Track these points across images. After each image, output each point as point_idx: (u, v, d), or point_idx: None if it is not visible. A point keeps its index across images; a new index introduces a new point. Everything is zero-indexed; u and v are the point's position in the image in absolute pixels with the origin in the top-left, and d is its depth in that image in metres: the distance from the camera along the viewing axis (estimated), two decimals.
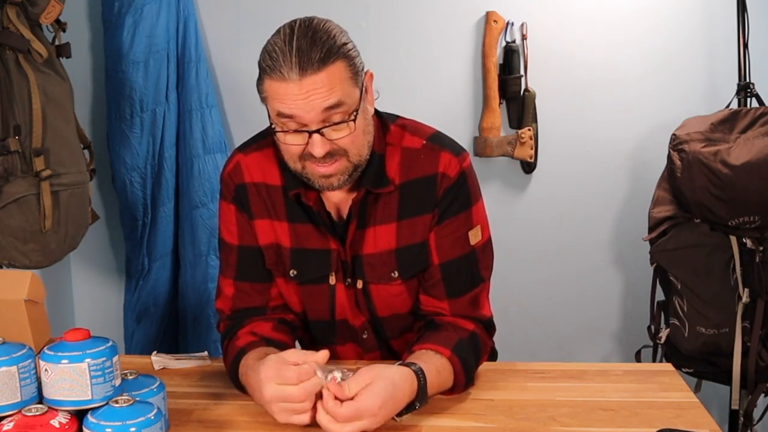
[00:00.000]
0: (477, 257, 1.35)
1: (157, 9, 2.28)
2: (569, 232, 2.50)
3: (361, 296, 1.37)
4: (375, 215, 1.33)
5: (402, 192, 1.32)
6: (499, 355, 1.62)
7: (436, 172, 1.31)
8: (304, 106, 1.17)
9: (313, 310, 1.40)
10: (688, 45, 2.36)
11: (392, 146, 1.33)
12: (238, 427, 1.17)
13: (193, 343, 2.41)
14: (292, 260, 1.35)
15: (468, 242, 1.33)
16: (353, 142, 1.23)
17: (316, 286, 1.37)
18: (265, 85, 1.21)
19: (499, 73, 2.38)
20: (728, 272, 1.99)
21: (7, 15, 1.83)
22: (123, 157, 2.35)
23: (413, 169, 1.31)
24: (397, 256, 1.33)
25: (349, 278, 1.36)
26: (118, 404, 1.01)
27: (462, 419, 1.18)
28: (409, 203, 1.32)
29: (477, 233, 1.35)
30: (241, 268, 1.38)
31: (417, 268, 1.35)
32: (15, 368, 1.05)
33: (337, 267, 1.35)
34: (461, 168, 1.32)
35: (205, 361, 1.45)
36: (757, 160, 1.89)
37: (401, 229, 1.32)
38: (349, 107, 1.20)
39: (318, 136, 1.19)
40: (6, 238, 1.87)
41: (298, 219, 1.34)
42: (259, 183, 1.35)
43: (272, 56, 1.18)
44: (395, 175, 1.31)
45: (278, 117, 1.20)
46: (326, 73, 1.16)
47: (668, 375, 1.33)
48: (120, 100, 2.32)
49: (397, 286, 1.36)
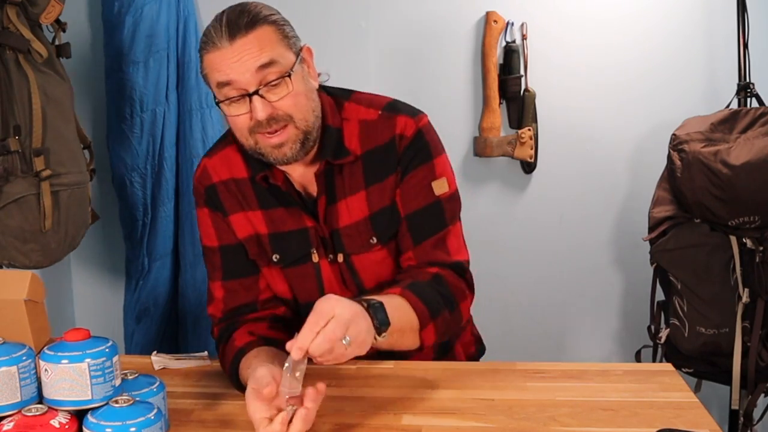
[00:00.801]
0: (442, 206, 1.36)
1: (157, 9, 2.28)
2: (569, 232, 2.50)
3: (345, 271, 1.38)
4: (343, 188, 1.35)
5: (365, 161, 1.34)
6: (499, 355, 1.62)
7: (393, 136, 1.34)
8: (238, 67, 1.21)
9: (302, 292, 1.40)
10: (688, 45, 2.36)
11: (348, 121, 1.36)
12: (238, 427, 1.17)
13: (193, 343, 2.42)
14: (272, 245, 1.37)
15: (432, 192, 1.35)
16: (296, 106, 1.25)
17: (300, 266, 1.38)
18: (204, 63, 1.26)
19: (499, 73, 2.38)
20: (728, 272, 1.99)
21: (7, 15, 1.83)
22: (123, 157, 2.35)
23: (372, 138, 1.34)
24: (372, 222, 1.35)
25: (331, 254, 1.37)
26: (118, 404, 1.01)
27: (462, 419, 1.18)
28: (374, 170, 1.34)
29: (442, 184, 1.36)
30: (227, 267, 1.40)
31: (393, 229, 1.36)
32: (15, 368, 1.05)
33: (317, 243, 1.36)
34: (417, 127, 1.35)
35: (205, 361, 1.45)
36: (757, 160, 1.89)
37: (371, 196, 1.35)
38: (284, 67, 1.24)
39: (257, 98, 1.22)
40: (6, 238, 1.87)
41: (270, 205, 1.37)
42: (226, 180, 1.38)
43: (206, 34, 1.24)
44: (355, 147, 1.34)
45: (219, 88, 1.24)
46: (254, 35, 1.22)
47: (668, 375, 1.33)
48: (120, 100, 2.32)
49: (378, 252, 1.37)
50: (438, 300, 1.28)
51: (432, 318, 1.26)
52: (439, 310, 1.27)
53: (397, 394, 1.26)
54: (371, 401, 1.24)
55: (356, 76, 1.43)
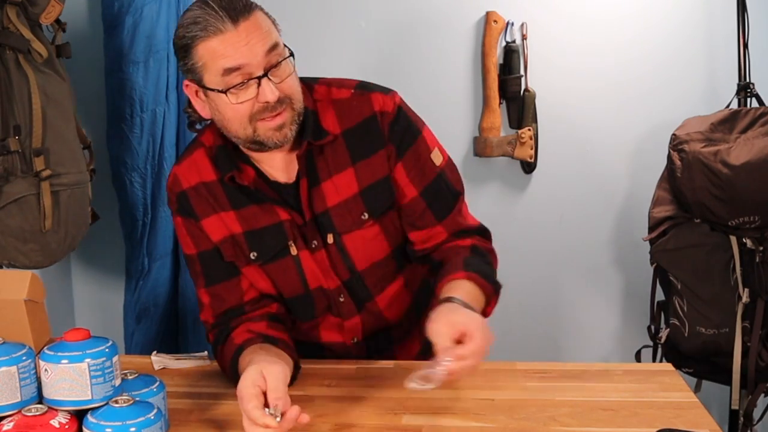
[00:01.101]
0: (447, 176, 1.40)
1: (157, 9, 2.28)
2: (569, 232, 2.50)
3: (335, 253, 1.37)
4: (327, 168, 1.34)
5: (347, 139, 1.34)
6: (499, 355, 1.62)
7: (373, 112, 1.34)
8: (248, 52, 1.20)
9: (285, 286, 1.40)
10: (688, 45, 2.36)
11: (321, 102, 1.35)
12: (238, 427, 1.17)
13: (193, 343, 2.41)
14: (249, 243, 1.36)
15: (434, 164, 1.38)
16: (294, 87, 1.26)
17: (279, 261, 1.37)
18: (199, 52, 1.22)
19: (499, 73, 2.38)
20: (728, 272, 1.99)
21: (7, 15, 1.83)
22: (123, 157, 2.35)
23: (349, 116, 1.34)
24: (363, 198, 1.35)
25: (315, 240, 1.36)
26: (118, 404, 1.01)
27: (462, 419, 1.18)
28: (358, 146, 1.34)
29: (437, 155, 1.39)
30: (207, 274, 1.40)
31: (385, 204, 1.37)
32: (15, 368, 1.05)
33: (295, 234, 1.35)
34: (395, 103, 1.35)
35: (205, 361, 1.45)
36: (757, 160, 1.89)
37: (359, 172, 1.35)
38: (282, 50, 1.25)
39: (267, 80, 1.21)
40: (6, 238, 1.87)
41: (242, 204, 1.36)
42: (196, 185, 1.37)
43: (197, 21, 1.21)
44: (333, 127, 1.34)
45: (224, 76, 1.21)
46: (254, 18, 1.21)
47: (668, 375, 1.33)
48: (120, 100, 2.32)
49: (370, 228, 1.37)
50: (489, 269, 1.34)
51: (495, 293, 1.32)
52: (493, 277, 1.34)
53: (397, 394, 1.26)
54: (371, 401, 1.24)
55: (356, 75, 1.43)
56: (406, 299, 1.47)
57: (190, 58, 1.24)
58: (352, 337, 1.44)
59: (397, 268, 1.43)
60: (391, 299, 1.43)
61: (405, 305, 1.47)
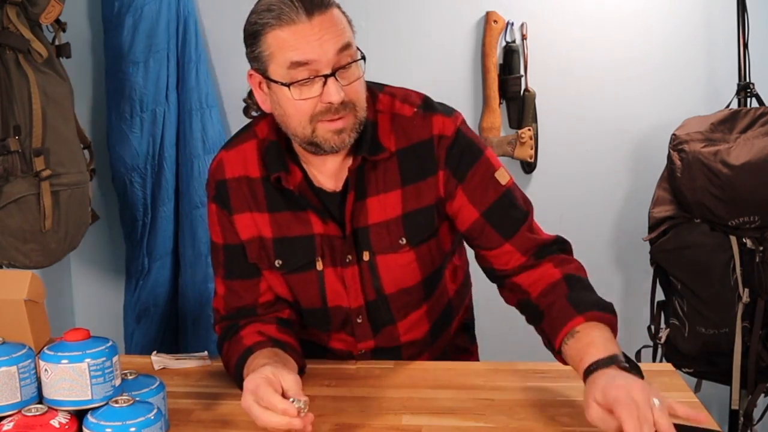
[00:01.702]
0: (513, 194, 1.34)
1: (157, 9, 2.28)
2: (569, 232, 2.46)
3: (366, 271, 1.34)
4: (376, 184, 1.31)
5: (401, 158, 1.30)
6: (499, 355, 1.62)
7: (431, 136, 1.29)
8: (319, 48, 1.16)
9: (305, 299, 1.38)
10: (688, 45, 2.36)
11: (383, 114, 1.31)
12: (238, 427, 1.17)
13: (193, 343, 2.41)
14: (276, 250, 1.34)
15: (499, 183, 1.32)
16: (360, 93, 1.22)
17: (303, 274, 1.35)
18: (267, 41, 1.19)
19: (499, 73, 2.38)
20: (728, 272, 1.99)
21: (7, 15, 1.83)
22: (123, 157, 2.35)
23: (408, 135, 1.30)
24: (404, 222, 1.31)
25: (351, 255, 1.32)
26: (118, 404, 1.01)
27: (462, 419, 1.18)
28: (411, 168, 1.30)
29: (503, 174, 1.34)
30: (228, 267, 1.38)
31: (424, 233, 1.33)
32: (15, 368, 1.05)
33: (323, 251, 1.32)
34: (456, 126, 1.31)
35: (205, 361, 1.45)
36: (757, 160, 1.89)
37: (406, 195, 1.31)
38: (354, 52, 1.20)
39: (333, 80, 1.17)
40: (6, 238, 1.87)
41: (279, 208, 1.33)
42: (240, 177, 1.34)
43: (271, 9, 1.17)
44: (390, 143, 1.30)
45: (290, 69, 1.18)
46: (331, 13, 1.17)
47: (668, 375, 1.33)
48: (120, 100, 2.32)
49: (406, 254, 1.33)
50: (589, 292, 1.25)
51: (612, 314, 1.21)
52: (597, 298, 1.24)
53: (397, 394, 1.26)
54: (371, 401, 1.24)
55: None
56: (424, 326, 1.44)
57: (258, 45, 1.20)
58: (361, 350, 1.43)
59: (425, 296, 1.39)
60: (412, 325, 1.41)
61: (423, 331, 1.44)
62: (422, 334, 1.44)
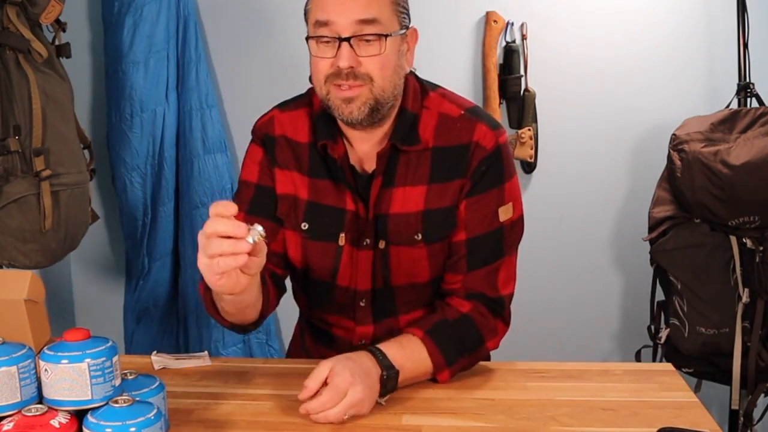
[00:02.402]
0: (503, 234, 1.35)
1: (157, 9, 2.28)
2: (569, 232, 2.50)
3: (379, 259, 1.36)
4: (405, 176, 1.33)
5: (435, 156, 1.32)
6: (499, 355, 1.62)
7: (470, 141, 1.31)
8: (341, 10, 1.22)
9: (317, 269, 1.39)
10: (688, 45, 2.36)
11: (428, 110, 1.35)
12: (238, 427, 1.17)
13: (194, 342, 2.42)
14: (306, 213, 1.36)
15: (497, 219, 1.34)
16: (381, 70, 1.25)
17: (324, 243, 1.36)
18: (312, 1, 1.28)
19: (499, 73, 2.38)
20: (728, 272, 1.99)
21: (7, 15, 1.83)
22: (123, 157, 2.35)
23: (448, 135, 1.33)
24: (423, 218, 1.33)
25: (368, 239, 1.35)
26: (118, 404, 1.01)
27: (462, 419, 1.18)
28: (442, 167, 1.32)
29: (508, 210, 1.35)
30: (255, 204, 1.38)
31: (442, 232, 1.34)
32: (15, 368, 1.04)
33: (349, 228, 1.34)
34: (497, 142, 1.32)
35: (205, 361, 1.45)
36: (757, 160, 1.89)
37: (431, 192, 1.33)
38: (384, 29, 1.24)
39: (346, 45, 1.22)
40: (6, 238, 1.87)
41: (319, 175, 1.36)
42: (288, 137, 1.38)
43: None
44: (429, 138, 1.32)
45: (315, 26, 1.24)
46: None
47: (668, 375, 1.33)
48: (120, 100, 2.32)
49: (419, 250, 1.35)
50: (458, 347, 1.29)
51: (448, 365, 1.28)
52: (457, 356, 1.29)
53: (397, 394, 1.26)
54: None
55: None
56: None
57: (307, 4, 1.29)
58: (361, 339, 1.43)
59: (431, 296, 1.40)
60: (414, 321, 1.40)
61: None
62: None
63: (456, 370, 1.30)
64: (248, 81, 2.44)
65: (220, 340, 2.40)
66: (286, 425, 1.16)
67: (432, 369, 1.27)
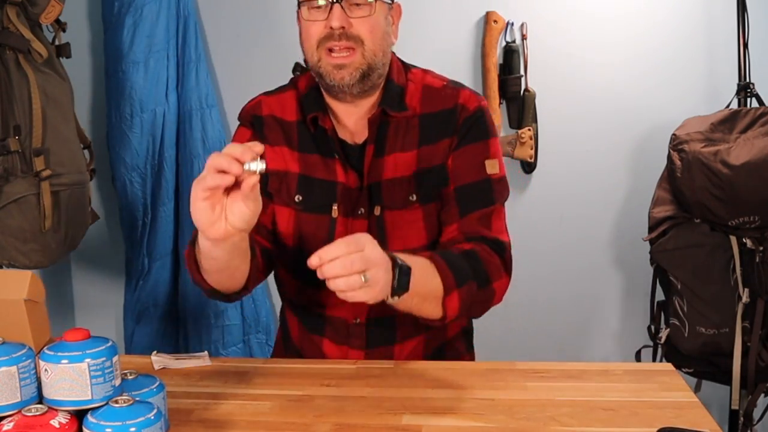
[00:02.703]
0: (492, 185, 1.38)
1: (157, 9, 2.28)
2: (569, 232, 2.50)
3: (374, 226, 1.37)
4: (395, 143, 1.37)
5: (422, 122, 1.38)
6: (499, 355, 1.62)
7: (456, 104, 1.38)
8: None
9: (311, 241, 1.39)
10: (688, 45, 2.36)
11: (413, 83, 1.41)
12: (238, 427, 1.17)
13: (194, 343, 2.42)
14: (299, 186, 1.39)
15: (484, 170, 1.37)
16: (371, 33, 1.29)
17: (318, 216, 1.39)
18: None
19: (499, 73, 2.38)
20: (728, 272, 1.99)
21: (7, 15, 1.83)
22: (123, 157, 2.35)
23: (433, 103, 1.39)
24: (416, 179, 1.36)
25: (362, 208, 1.37)
26: (118, 404, 1.01)
27: (462, 419, 1.18)
28: (430, 131, 1.38)
29: (494, 165, 1.39)
30: None
31: (435, 191, 1.38)
32: (15, 368, 1.04)
33: (341, 200, 1.37)
34: (479, 104, 1.39)
35: (205, 361, 1.45)
36: (757, 160, 1.89)
37: (421, 154, 1.37)
38: None
39: (338, 6, 1.26)
40: (6, 238, 1.87)
41: (309, 149, 1.39)
42: (276, 116, 1.42)
43: None
44: (416, 106, 1.38)
45: None
46: None
47: (668, 375, 1.33)
48: (120, 100, 2.32)
49: (414, 212, 1.37)
50: (467, 270, 1.27)
51: (457, 286, 1.24)
52: (466, 279, 1.26)
53: (397, 394, 1.26)
54: (371, 401, 1.24)
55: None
56: None
57: None
58: (355, 316, 1.43)
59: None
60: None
61: None
62: None
63: (465, 298, 1.26)
64: (248, 81, 2.44)
65: (220, 340, 2.40)
66: (286, 425, 1.15)
67: (441, 289, 1.23)
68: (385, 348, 1.44)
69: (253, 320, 2.46)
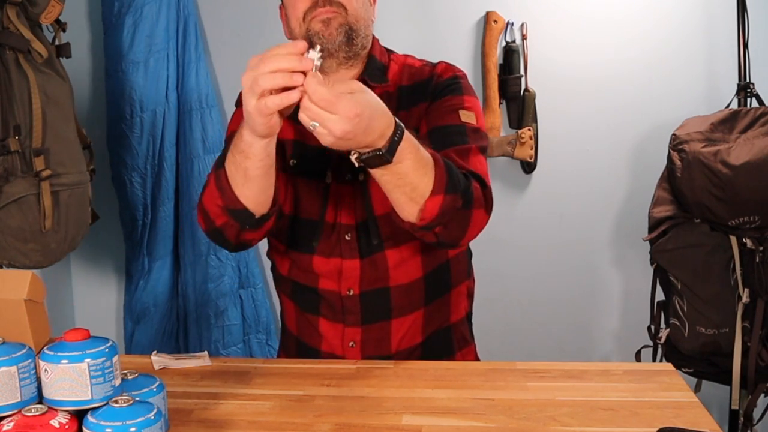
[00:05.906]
0: (466, 132, 1.36)
1: (157, 9, 2.28)
2: (569, 232, 2.50)
3: (359, 191, 1.40)
4: None
5: (400, 94, 1.44)
6: (499, 355, 1.62)
7: (432, 74, 1.45)
8: None
9: (305, 206, 1.43)
10: (688, 45, 2.36)
11: (395, 62, 1.48)
12: (238, 427, 1.17)
13: (193, 342, 2.42)
14: (293, 150, 1.43)
15: (458, 117, 1.38)
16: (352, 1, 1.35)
17: (312, 181, 1.42)
18: None
19: (499, 73, 2.38)
20: (728, 272, 1.99)
21: (7, 15, 1.83)
22: (123, 157, 2.35)
23: (412, 77, 1.46)
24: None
25: (350, 174, 1.39)
26: (118, 404, 1.01)
27: (462, 419, 1.18)
28: (406, 99, 1.43)
29: (470, 116, 1.39)
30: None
31: None
32: (15, 368, 1.04)
33: (334, 165, 1.40)
34: (455, 73, 1.45)
35: (205, 361, 1.45)
36: (757, 160, 1.89)
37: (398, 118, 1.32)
38: None
39: None
40: (6, 238, 1.87)
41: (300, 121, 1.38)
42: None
43: None
44: (396, 80, 1.45)
45: None
46: None
47: (668, 375, 1.33)
48: (120, 100, 2.32)
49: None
50: (461, 182, 1.24)
51: (446, 191, 1.21)
52: (456, 188, 1.22)
53: (397, 394, 1.26)
54: (371, 401, 1.24)
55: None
56: (416, 272, 1.43)
57: None
58: (348, 287, 1.43)
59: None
60: (401, 261, 1.41)
61: (413, 277, 1.44)
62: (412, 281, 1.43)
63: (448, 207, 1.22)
64: None
65: (220, 340, 2.41)
66: (286, 425, 1.16)
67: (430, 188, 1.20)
68: (381, 324, 1.44)
69: (253, 320, 2.46)
